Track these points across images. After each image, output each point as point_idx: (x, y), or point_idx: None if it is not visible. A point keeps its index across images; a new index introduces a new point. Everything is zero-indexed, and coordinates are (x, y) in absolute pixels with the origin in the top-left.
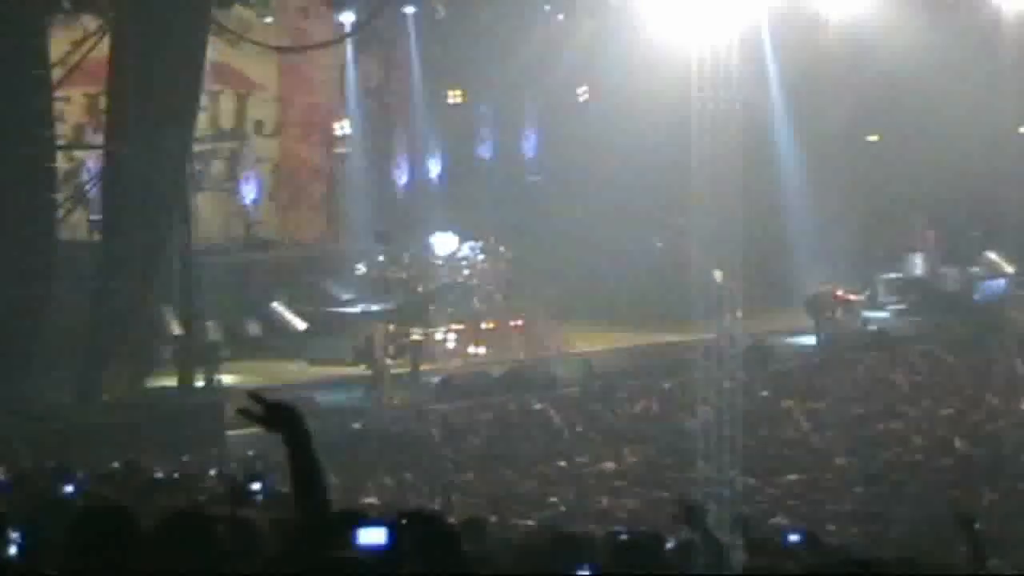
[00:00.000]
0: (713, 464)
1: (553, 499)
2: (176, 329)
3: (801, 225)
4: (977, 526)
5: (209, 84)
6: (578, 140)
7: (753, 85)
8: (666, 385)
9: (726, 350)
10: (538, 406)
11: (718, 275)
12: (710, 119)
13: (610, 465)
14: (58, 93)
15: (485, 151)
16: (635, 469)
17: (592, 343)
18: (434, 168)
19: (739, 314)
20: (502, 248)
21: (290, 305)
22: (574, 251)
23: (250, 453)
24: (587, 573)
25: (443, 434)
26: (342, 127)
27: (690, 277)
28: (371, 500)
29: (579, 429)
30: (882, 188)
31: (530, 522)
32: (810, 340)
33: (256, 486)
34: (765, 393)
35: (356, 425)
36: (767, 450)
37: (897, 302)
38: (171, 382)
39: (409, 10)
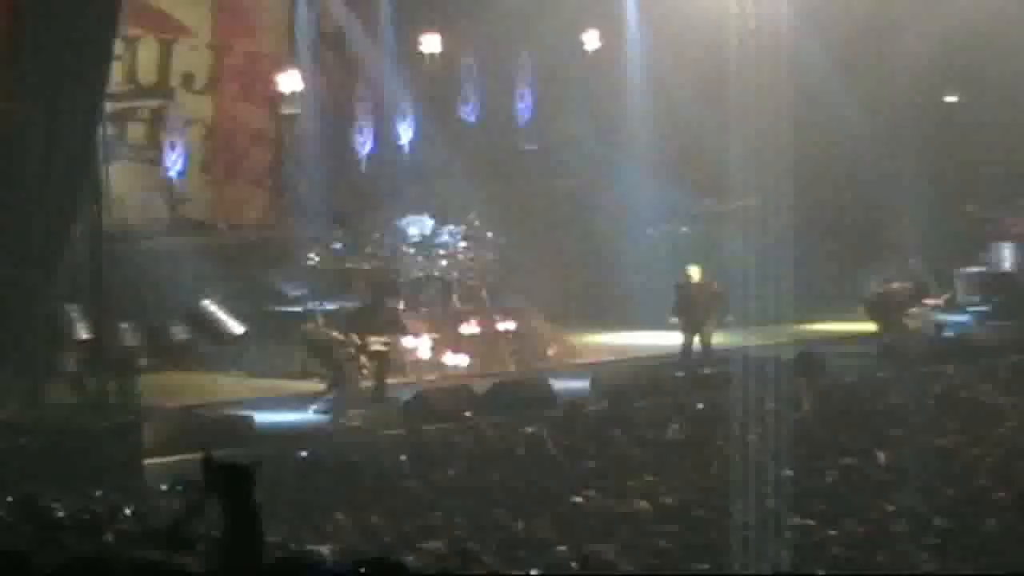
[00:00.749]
0: (747, 506)
1: (548, 545)
2: (83, 332)
3: (863, 206)
4: None
5: (126, 28)
6: (584, 100)
7: (803, 30)
8: (698, 404)
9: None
10: (530, 429)
11: (694, 272)
12: (752, 74)
13: (615, 504)
14: None
15: (469, 114)
16: (648, 510)
17: (601, 350)
18: (405, 134)
19: (730, 318)
20: (489, 233)
21: (225, 304)
22: (578, 238)
23: (171, 487)
24: None
25: (414, 464)
26: (291, 82)
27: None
28: (323, 546)
29: (582, 459)
30: (964, 161)
31: (516, 573)
32: (872, 348)
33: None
34: (810, 412)
35: (304, 453)
36: (817, 487)
37: (979, 303)
38: (76, 397)
39: None
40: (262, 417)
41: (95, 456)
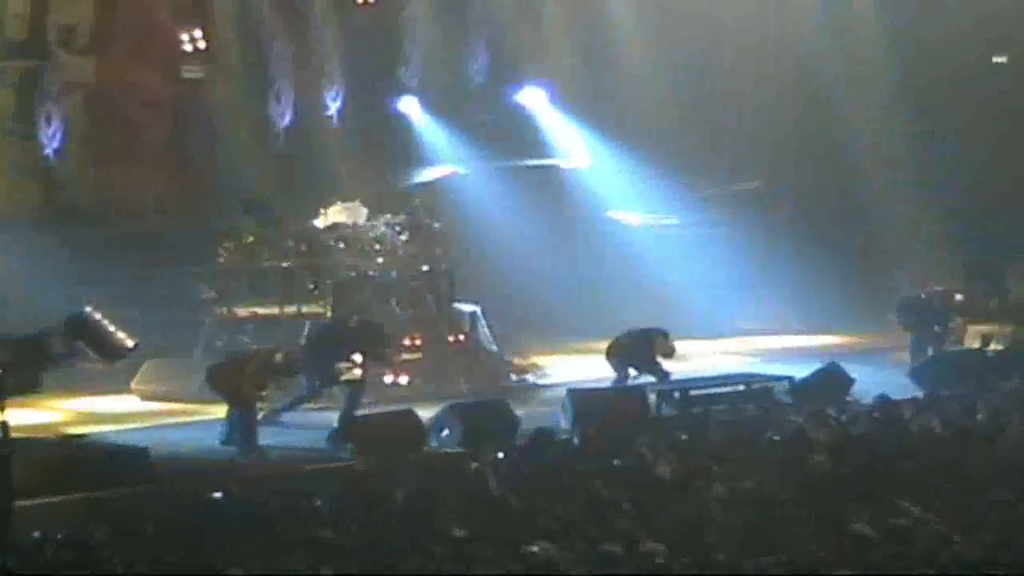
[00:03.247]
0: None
1: None
2: None
3: (895, 191)
4: None
5: None
6: (555, 60)
7: None
8: (682, 436)
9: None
10: (475, 464)
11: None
12: (758, 34)
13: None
14: None
15: (411, 77)
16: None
17: (574, 367)
18: (333, 103)
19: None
20: (437, 224)
21: (114, 309)
22: (544, 229)
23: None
24: None
25: (335, 508)
26: (194, 39)
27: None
28: None
29: (546, 500)
30: (1018, 131)
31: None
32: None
33: None
34: (821, 458)
35: (215, 494)
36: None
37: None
38: None
39: None
40: (161, 448)
41: None
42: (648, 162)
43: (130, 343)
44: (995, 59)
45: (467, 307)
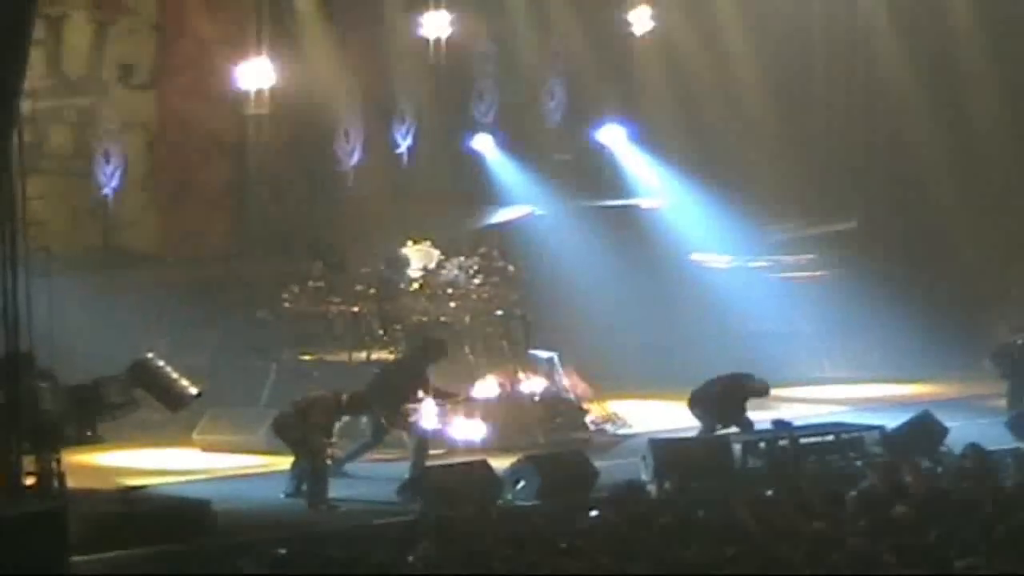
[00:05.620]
0: None
1: None
2: None
3: (992, 232)
4: None
5: (48, 4)
6: (633, 96)
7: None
8: (767, 492)
9: None
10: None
11: None
12: (841, 63)
13: None
14: None
15: (484, 114)
16: None
17: (655, 416)
18: (404, 140)
19: None
20: (511, 267)
21: (176, 355)
22: (629, 269)
23: None
24: None
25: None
26: (258, 75)
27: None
28: None
29: (633, 561)
30: None
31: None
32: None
33: None
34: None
35: (281, 551)
36: None
37: None
38: None
39: None
40: (225, 504)
41: (10, 552)
42: (734, 201)
43: (193, 391)
44: None
45: (544, 354)
